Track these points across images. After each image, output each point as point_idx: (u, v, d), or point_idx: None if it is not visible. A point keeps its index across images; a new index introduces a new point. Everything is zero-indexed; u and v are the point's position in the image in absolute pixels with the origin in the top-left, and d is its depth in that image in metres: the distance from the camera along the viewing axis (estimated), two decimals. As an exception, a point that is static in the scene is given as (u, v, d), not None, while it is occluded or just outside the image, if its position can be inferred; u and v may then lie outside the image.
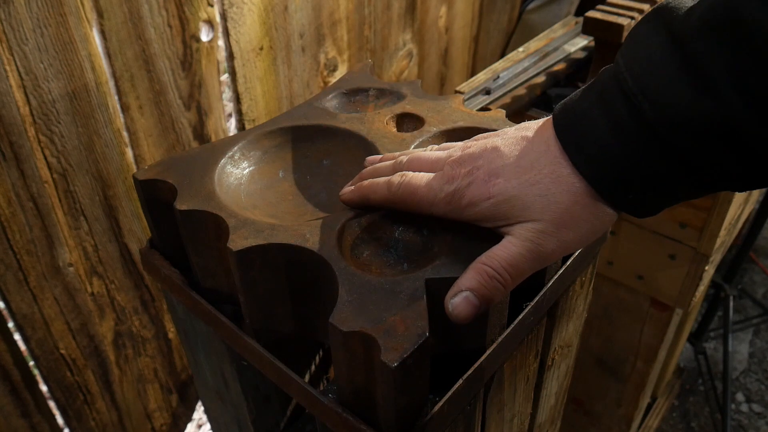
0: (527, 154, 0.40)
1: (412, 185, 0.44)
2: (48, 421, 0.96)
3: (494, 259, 0.40)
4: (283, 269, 0.46)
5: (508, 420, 0.60)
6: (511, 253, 0.39)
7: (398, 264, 0.46)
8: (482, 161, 0.41)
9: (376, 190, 0.46)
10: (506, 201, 0.39)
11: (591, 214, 0.39)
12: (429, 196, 0.43)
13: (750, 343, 1.96)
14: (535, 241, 0.39)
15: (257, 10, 0.96)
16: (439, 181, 0.42)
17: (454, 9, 1.45)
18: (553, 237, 0.39)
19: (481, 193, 0.40)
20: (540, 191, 0.39)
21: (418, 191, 0.43)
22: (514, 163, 0.40)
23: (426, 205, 0.43)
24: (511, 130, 0.43)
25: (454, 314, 0.40)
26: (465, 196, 0.41)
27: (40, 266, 0.84)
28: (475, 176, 0.41)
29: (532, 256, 0.39)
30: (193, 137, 0.96)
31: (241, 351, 0.53)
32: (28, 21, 0.71)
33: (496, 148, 0.41)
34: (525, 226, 0.39)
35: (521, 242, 0.39)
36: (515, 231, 0.40)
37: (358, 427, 0.43)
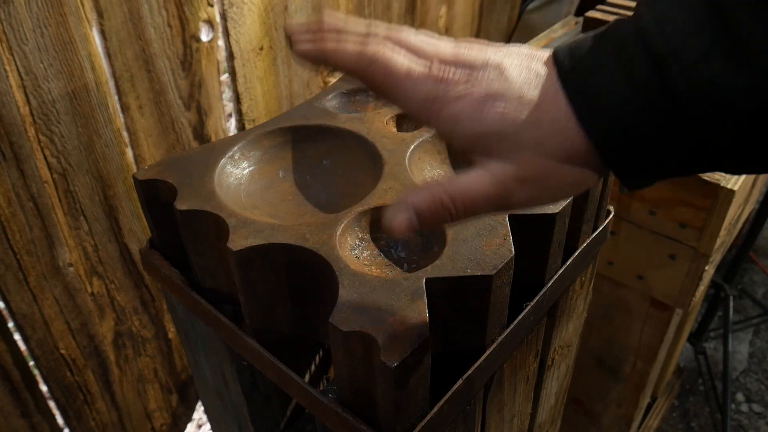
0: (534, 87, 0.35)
1: (390, 65, 0.37)
2: (48, 421, 0.96)
3: (455, 187, 0.35)
4: (283, 269, 0.46)
5: (508, 420, 0.60)
6: (476, 190, 0.35)
7: (398, 264, 0.46)
8: (482, 74, 0.36)
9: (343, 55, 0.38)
10: (496, 133, 0.35)
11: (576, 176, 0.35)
12: (406, 86, 0.37)
13: (750, 343, 1.96)
14: (508, 186, 0.35)
15: (257, 10, 0.96)
16: (423, 74, 0.36)
17: (454, 9, 1.45)
18: (526, 188, 0.35)
19: (471, 113, 0.35)
20: (538, 136, 0.34)
21: (395, 75, 0.37)
22: (519, 93, 0.35)
23: (399, 95, 0.37)
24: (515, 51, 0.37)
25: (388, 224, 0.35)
26: (449, 106, 0.36)
27: (40, 266, 0.84)
28: (468, 90, 0.35)
29: (496, 201, 0.35)
30: (193, 137, 0.96)
31: (241, 351, 0.53)
32: (28, 21, 0.71)
33: (500, 66, 0.36)
34: (503, 167, 0.35)
35: (492, 181, 0.35)
36: (492, 167, 0.35)
37: (358, 427, 0.43)
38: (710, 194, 0.91)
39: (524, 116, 0.35)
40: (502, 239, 0.45)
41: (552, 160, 0.35)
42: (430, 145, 0.57)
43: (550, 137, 0.34)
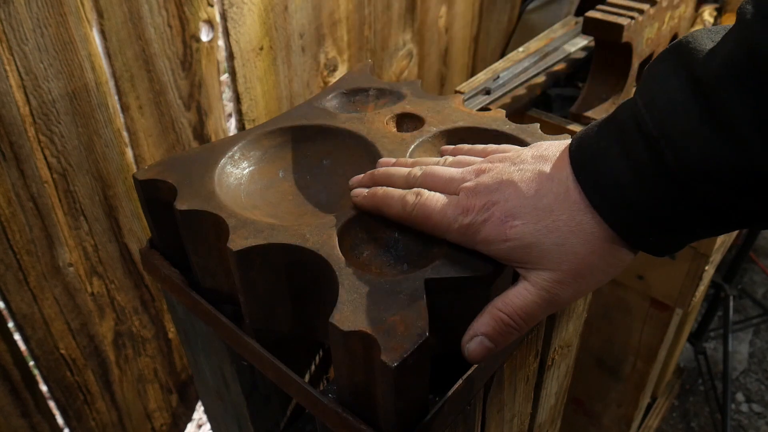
0: (545, 195, 0.39)
1: (427, 209, 0.43)
2: (48, 421, 0.96)
3: (509, 306, 0.40)
4: (283, 269, 0.46)
5: (508, 420, 0.60)
6: (526, 302, 0.39)
7: (398, 264, 0.46)
8: (498, 196, 0.41)
9: (391, 205, 0.46)
10: (522, 247, 0.39)
11: (607, 261, 0.39)
12: (443, 224, 0.43)
13: (750, 343, 1.96)
14: (551, 290, 0.39)
15: (257, 10, 0.96)
16: (453, 210, 0.42)
17: (454, 9, 1.45)
18: (569, 287, 0.39)
19: (497, 233, 0.40)
20: (557, 240, 0.38)
21: (432, 217, 0.43)
22: (532, 205, 0.39)
23: (440, 232, 0.44)
24: (529, 159, 0.42)
25: (469, 357, 0.41)
26: (480, 232, 0.41)
27: (40, 266, 0.84)
28: (491, 213, 0.40)
29: (546, 304, 0.39)
30: (193, 137, 0.96)
31: (241, 351, 0.53)
32: (28, 21, 0.71)
33: (512, 182, 0.41)
34: (541, 275, 0.39)
35: (536, 291, 0.39)
36: (531, 278, 0.40)
37: (358, 427, 0.43)
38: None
39: (542, 224, 0.39)
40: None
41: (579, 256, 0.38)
42: (430, 145, 0.57)
43: (569, 236, 0.38)
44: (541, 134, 0.57)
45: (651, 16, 0.93)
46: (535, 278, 0.39)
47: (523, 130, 0.57)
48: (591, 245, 0.38)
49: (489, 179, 0.42)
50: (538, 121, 0.85)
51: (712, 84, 0.32)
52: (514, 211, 0.40)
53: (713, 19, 1.14)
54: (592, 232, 0.38)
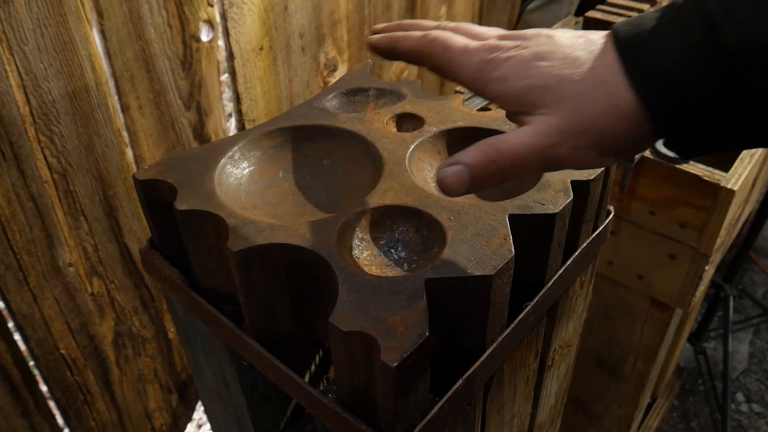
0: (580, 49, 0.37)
1: (448, 42, 0.41)
2: (48, 421, 0.96)
3: (502, 143, 0.37)
4: (283, 269, 0.46)
5: (508, 420, 0.60)
6: (520, 142, 0.37)
7: (398, 264, 0.46)
8: (533, 42, 0.38)
9: (408, 39, 0.43)
10: (541, 87, 0.37)
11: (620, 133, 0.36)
12: (462, 57, 0.40)
13: (750, 343, 1.96)
14: (551, 137, 0.36)
15: (257, 10, 0.96)
16: (477, 47, 0.40)
17: (454, 9, 1.45)
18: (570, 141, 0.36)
19: (518, 70, 0.38)
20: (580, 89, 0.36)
21: (452, 48, 0.41)
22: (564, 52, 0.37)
23: (455, 66, 0.41)
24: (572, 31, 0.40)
25: (442, 182, 0.38)
26: (499, 67, 0.38)
27: (40, 266, 0.84)
28: (518, 52, 0.38)
29: (541, 153, 0.37)
30: (193, 137, 0.96)
31: (241, 351, 0.53)
32: (28, 21, 0.71)
33: (550, 36, 0.39)
34: (547, 120, 0.36)
35: (535, 134, 0.36)
36: (535, 122, 0.37)
37: (358, 427, 0.43)
38: (710, 194, 0.91)
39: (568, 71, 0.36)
40: (502, 239, 0.45)
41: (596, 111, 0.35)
42: (430, 145, 0.57)
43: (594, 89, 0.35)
44: (541, 134, 0.56)
45: (651, 16, 0.93)
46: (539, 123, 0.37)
47: (523, 130, 0.57)
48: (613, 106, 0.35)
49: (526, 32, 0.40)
50: (538, 121, 0.85)
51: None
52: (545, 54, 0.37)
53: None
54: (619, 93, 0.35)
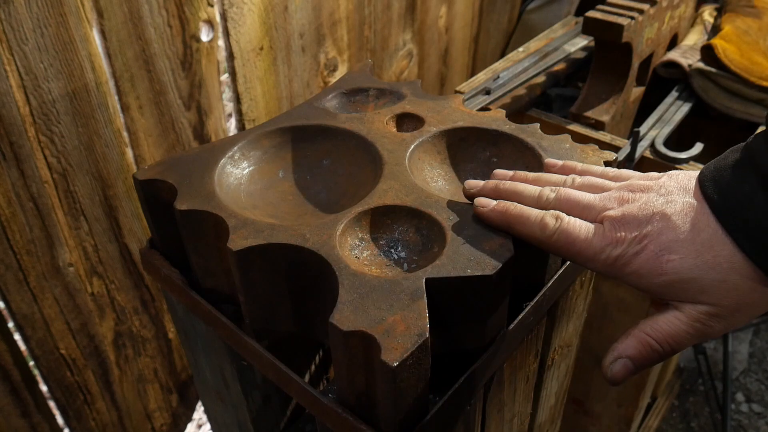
0: (703, 231, 0.38)
1: (571, 236, 0.42)
2: (48, 421, 0.96)
3: (658, 332, 0.39)
4: (283, 269, 0.46)
5: (508, 420, 0.60)
6: (677, 331, 0.39)
7: (398, 264, 0.46)
8: (650, 229, 0.39)
9: (526, 224, 0.44)
10: (680, 282, 0.38)
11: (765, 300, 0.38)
12: (588, 252, 0.41)
13: (750, 343, 1.96)
14: (706, 323, 0.38)
15: (257, 10, 0.96)
16: (600, 240, 0.41)
17: (454, 9, 1.45)
18: (723, 321, 0.38)
19: (651, 267, 0.39)
20: (720, 276, 0.37)
21: (576, 244, 0.42)
22: (689, 239, 0.38)
23: (582, 260, 0.42)
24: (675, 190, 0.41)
25: (612, 378, 0.41)
26: (631, 264, 0.40)
27: (40, 266, 0.84)
28: (643, 246, 0.39)
29: (697, 335, 0.39)
30: (193, 137, 0.96)
31: (241, 351, 0.53)
32: (28, 21, 0.71)
33: (664, 215, 0.40)
34: (698, 308, 0.38)
35: (691, 323, 0.39)
36: (686, 309, 0.39)
37: (358, 427, 0.43)
38: None
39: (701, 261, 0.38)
40: (502, 239, 0.45)
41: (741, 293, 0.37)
42: (430, 145, 0.57)
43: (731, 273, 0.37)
44: (541, 134, 0.57)
45: (651, 16, 0.93)
46: (690, 310, 0.39)
47: (523, 130, 0.57)
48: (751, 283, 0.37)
49: (637, 210, 0.41)
50: (538, 121, 0.85)
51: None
52: (671, 245, 0.39)
53: (713, 19, 1.14)
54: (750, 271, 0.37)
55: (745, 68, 0.96)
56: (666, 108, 0.97)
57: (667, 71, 1.03)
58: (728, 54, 0.97)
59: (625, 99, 0.96)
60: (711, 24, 1.13)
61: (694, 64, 1.00)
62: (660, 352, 0.40)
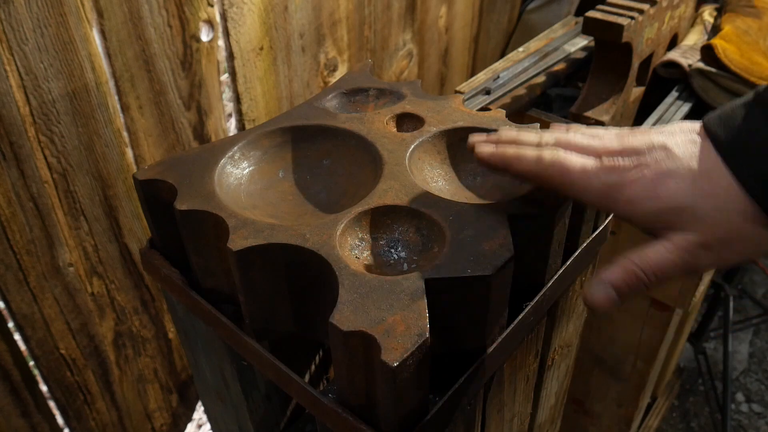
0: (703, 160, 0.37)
1: (566, 166, 0.41)
2: (48, 421, 0.96)
3: (645, 262, 0.38)
4: (283, 269, 0.46)
5: (508, 420, 0.60)
6: (665, 260, 0.38)
7: (398, 264, 0.46)
8: (649, 158, 0.39)
9: (523, 160, 0.43)
10: (674, 209, 0.38)
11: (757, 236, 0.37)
12: (582, 181, 0.41)
13: (750, 343, 1.96)
14: (693, 253, 0.37)
15: (257, 10, 0.96)
16: (597, 169, 0.40)
17: (454, 9, 1.45)
18: (712, 253, 0.37)
19: (646, 192, 0.38)
20: (715, 205, 0.37)
21: (572, 173, 0.41)
22: (687, 167, 0.37)
23: (578, 190, 0.41)
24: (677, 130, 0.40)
25: (590, 302, 0.39)
26: (625, 190, 0.39)
27: (40, 266, 0.84)
28: (641, 172, 0.39)
29: (685, 267, 0.38)
30: (193, 137, 0.96)
31: (241, 351, 0.53)
32: (28, 21, 0.71)
33: (664, 146, 0.39)
34: (687, 238, 0.37)
35: (678, 252, 0.38)
36: (674, 238, 0.38)
37: (358, 427, 0.43)
38: None
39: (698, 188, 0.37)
40: (502, 239, 0.45)
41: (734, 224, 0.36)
42: (430, 145, 0.57)
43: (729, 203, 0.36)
44: (541, 134, 0.56)
45: (651, 16, 0.93)
46: (679, 240, 0.37)
47: (523, 130, 0.57)
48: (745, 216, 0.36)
49: (637, 142, 0.40)
50: (538, 121, 0.85)
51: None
52: (668, 172, 0.38)
53: (713, 19, 1.14)
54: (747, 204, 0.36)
55: (745, 68, 0.96)
56: (666, 108, 0.97)
57: (667, 71, 1.03)
58: (728, 54, 0.97)
59: (625, 99, 0.96)
60: (711, 24, 1.13)
61: (694, 64, 1.00)
62: (645, 282, 0.38)
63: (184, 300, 0.57)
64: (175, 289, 0.57)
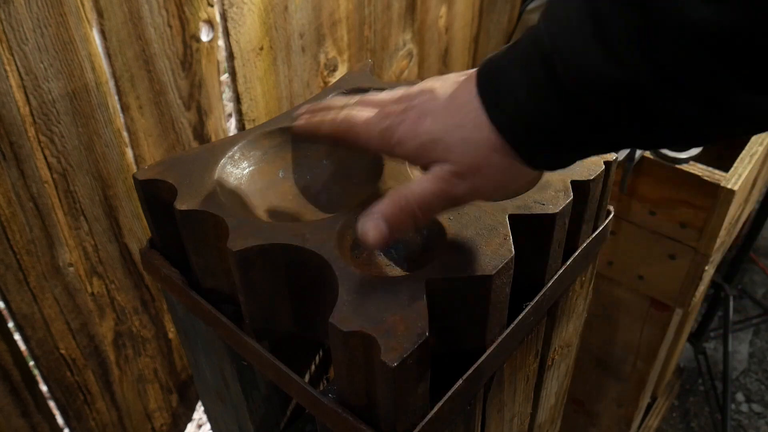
0: (457, 97, 0.41)
1: (352, 120, 0.46)
2: (48, 421, 0.96)
3: (409, 192, 0.41)
4: (283, 269, 0.46)
5: (508, 420, 0.60)
6: (423, 189, 0.41)
7: (398, 264, 0.46)
8: (417, 101, 0.43)
9: (324, 124, 0.48)
10: (431, 142, 0.41)
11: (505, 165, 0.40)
12: (366, 131, 0.45)
13: (750, 343, 1.96)
14: (448, 181, 0.40)
15: (257, 10, 0.96)
16: (376, 118, 0.44)
17: (454, 9, 1.45)
18: (465, 181, 0.40)
19: (410, 131, 0.42)
20: (462, 135, 0.40)
21: (356, 126, 0.45)
22: (444, 105, 0.41)
23: (363, 140, 0.45)
24: (455, 75, 0.44)
25: (362, 235, 0.42)
26: (395, 133, 0.43)
27: (40, 266, 0.84)
28: (407, 115, 0.42)
29: (443, 195, 0.41)
30: (193, 137, 0.96)
31: (241, 351, 0.53)
32: (28, 21, 0.71)
33: (432, 89, 0.43)
34: (442, 167, 0.41)
35: (435, 181, 0.41)
36: (432, 170, 0.41)
37: (358, 427, 0.43)
38: (710, 194, 0.91)
39: (449, 122, 0.41)
40: (502, 239, 0.45)
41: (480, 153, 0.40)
42: None
43: (474, 132, 0.40)
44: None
45: (651, 16, 0.93)
46: (435, 170, 0.41)
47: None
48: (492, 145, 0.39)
49: (413, 90, 0.44)
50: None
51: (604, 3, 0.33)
52: (427, 111, 0.42)
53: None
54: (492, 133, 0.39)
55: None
56: (666, 108, 0.97)
57: (667, 71, 1.03)
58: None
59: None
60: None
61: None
62: (410, 213, 0.41)
63: (184, 300, 0.57)
64: (175, 289, 0.57)
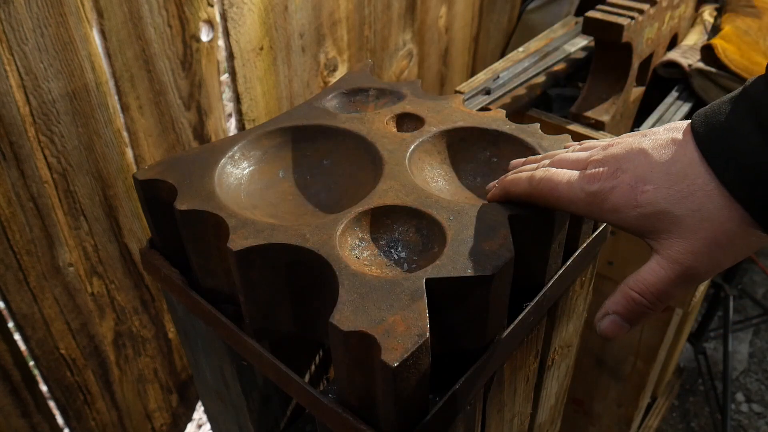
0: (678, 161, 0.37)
1: (553, 181, 0.43)
2: (48, 421, 0.96)
3: (641, 284, 0.38)
4: (283, 269, 0.46)
5: (508, 420, 0.60)
6: (659, 278, 0.37)
7: (398, 264, 0.46)
8: (628, 164, 0.39)
9: (518, 184, 0.46)
10: (654, 214, 0.37)
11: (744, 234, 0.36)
12: (569, 194, 0.42)
13: (750, 343, 1.96)
14: (686, 263, 0.37)
15: (257, 10, 0.96)
16: (580, 180, 0.41)
17: (454, 9, 1.45)
18: (705, 257, 0.36)
19: (626, 200, 0.38)
20: (692, 205, 0.36)
21: (558, 187, 0.42)
22: (664, 170, 0.37)
23: (565, 202, 0.42)
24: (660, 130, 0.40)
25: (601, 333, 0.40)
26: (608, 199, 0.39)
27: (40, 266, 0.84)
28: (619, 180, 0.39)
29: (681, 280, 0.37)
30: (193, 137, 0.96)
31: (241, 351, 0.53)
32: (28, 21, 0.71)
33: (642, 150, 0.39)
34: (674, 246, 0.37)
35: (670, 265, 0.37)
36: (664, 251, 0.37)
37: (358, 427, 0.43)
38: None
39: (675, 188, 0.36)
40: (502, 239, 0.45)
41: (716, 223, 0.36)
42: (430, 145, 0.57)
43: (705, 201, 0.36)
44: (541, 134, 0.57)
45: (651, 16, 0.93)
46: (668, 251, 0.37)
47: (523, 130, 0.57)
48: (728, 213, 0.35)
49: (618, 150, 0.40)
50: (538, 121, 0.85)
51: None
52: (645, 176, 0.38)
53: (713, 19, 1.14)
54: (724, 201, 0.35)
55: (745, 68, 0.96)
56: (666, 108, 0.97)
57: (667, 71, 1.03)
58: (728, 54, 0.97)
59: (625, 99, 0.96)
60: (711, 24, 1.13)
61: (694, 64, 1.00)
62: (646, 305, 0.38)
63: (184, 300, 0.57)
64: (175, 289, 0.57)
